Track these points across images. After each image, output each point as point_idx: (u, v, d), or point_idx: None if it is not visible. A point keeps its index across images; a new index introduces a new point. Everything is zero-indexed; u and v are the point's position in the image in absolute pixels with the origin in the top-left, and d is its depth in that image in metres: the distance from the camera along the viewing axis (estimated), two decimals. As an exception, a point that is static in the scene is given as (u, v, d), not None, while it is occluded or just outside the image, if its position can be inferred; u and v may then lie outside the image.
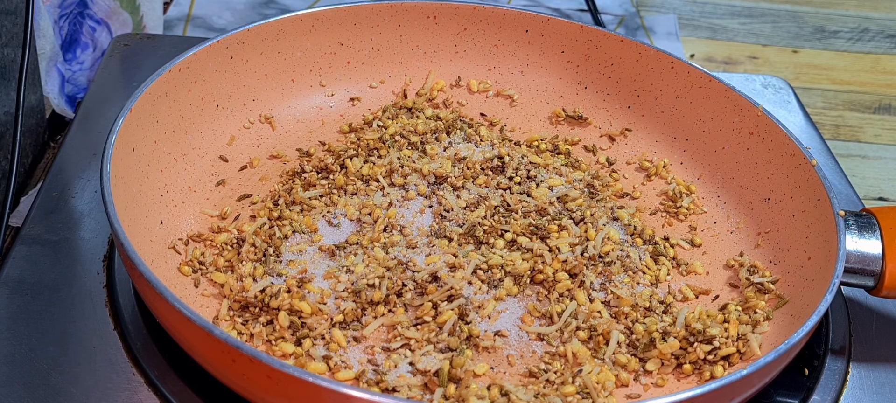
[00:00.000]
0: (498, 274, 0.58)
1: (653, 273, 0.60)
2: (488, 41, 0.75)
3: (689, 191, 0.68)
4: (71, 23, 0.82)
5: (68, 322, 0.55)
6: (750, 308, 0.57)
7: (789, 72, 1.07)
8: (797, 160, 0.62)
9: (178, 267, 0.57)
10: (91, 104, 0.74)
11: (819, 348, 0.58)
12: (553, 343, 0.55)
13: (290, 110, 0.71)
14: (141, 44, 0.81)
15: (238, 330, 0.54)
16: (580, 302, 0.57)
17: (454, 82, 0.75)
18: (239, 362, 0.46)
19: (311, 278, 0.57)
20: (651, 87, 0.72)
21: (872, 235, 0.56)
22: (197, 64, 0.65)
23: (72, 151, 0.68)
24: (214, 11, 1.05)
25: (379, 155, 0.67)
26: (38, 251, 0.59)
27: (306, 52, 0.72)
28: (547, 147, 0.70)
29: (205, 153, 0.66)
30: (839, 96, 1.04)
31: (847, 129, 0.99)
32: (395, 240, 0.60)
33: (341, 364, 0.52)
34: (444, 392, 0.50)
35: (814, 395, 0.55)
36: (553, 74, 0.75)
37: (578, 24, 0.73)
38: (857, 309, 0.62)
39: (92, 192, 0.64)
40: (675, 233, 0.65)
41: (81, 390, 0.51)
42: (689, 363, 0.54)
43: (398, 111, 0.72)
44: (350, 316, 0.55)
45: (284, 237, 0.60)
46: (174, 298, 0.47)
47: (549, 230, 0.61)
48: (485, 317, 0.56)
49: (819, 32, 1.15)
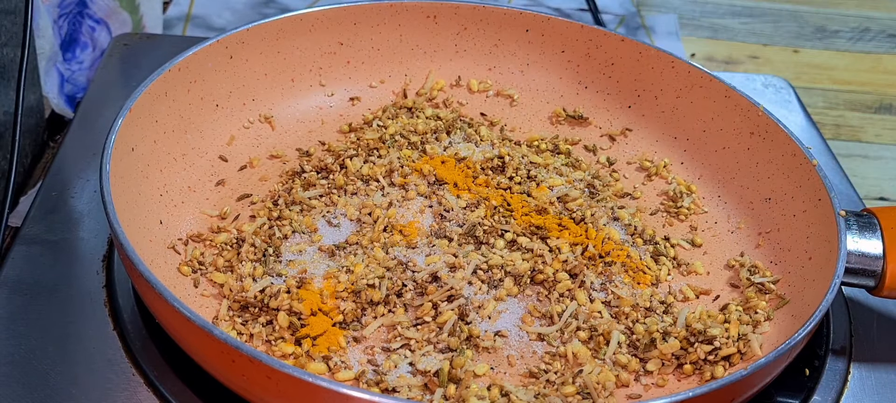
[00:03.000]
0: (498, 274, 0.58)
1: (653, 273, 0.60)
2: (488, 41, 0.75)
3: (690, 190, 0.67)
4: (70, 22, 0.82)
5: (68, 322, 0.55)
6: (751, 308, 0.57)
7: (790, 71, 1.07)
8: (798, 160, 0.62)
9: (177, 267, 0.57)
10: (90, 104, 0.74)
11: (820, 348, 0.58)
12: (553, 343, 0.55)
13: (289, 110, 0.71)
14: (140, 43, 0.81)
15: (238, 331, 0.54)
16: (580, 303, 0.57)
17: (454, 82, 0.75)
18: (238, 362, 0.46)
19: (311, 278, 0.57)
20: (652, 87, 0.72)
21: (873, 235, 0.56)
22: (196, 63, 0.65)
23: (71, 151, 0.68)
24: (214, 11, 1.05)
25: (379, 155, 0.66)
26: (37, 251, 0.59)
27: (306, 52, 0.72)
28: (547, 147, 0.70)
29: (204, 153, 0.65)
30: (840, 96, 1.03)
31: (848, 129, 0.98)
32: (395, 240, 0.60)
33: (341, 364, 0.52)
34: (444, 393, 0.50)
35: (815, 395, 0.55)
36: (553, 74, 0.75)
37: (579, 23, 0.73)
38: (857, 309, 0.62)
39: (91, 192, 0.64)
40: (676, 233, 0.65)
41: (81, 390, 0.51)
42: (689, 363, 0.54)
43: (398, 111, 0.72)
44: (350, 316, 0.55)
45: (284, 237, 0.60)
46: (174, 298, 0.47)
47: (550, 230, 0.61)
48: (485, 317, 0.56)
49: (820, 32, 1.15)
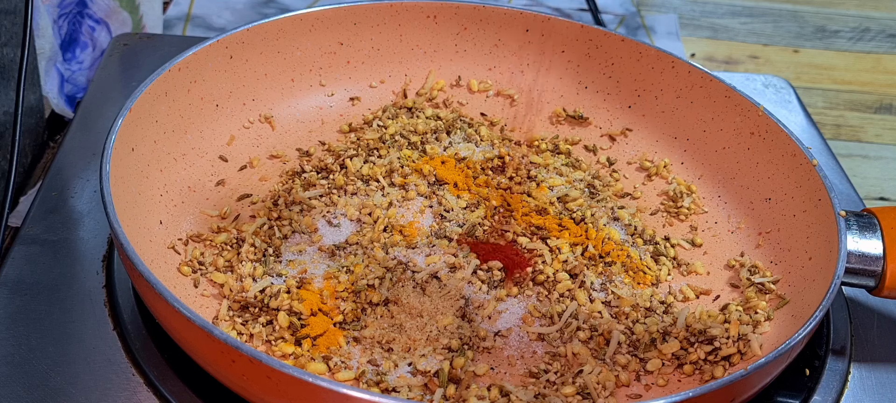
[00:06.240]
0: (498, 274, 0.58)
1: (653, 273, 0.60)
2: (488, 41, 0.75)
3: (690, 190, 0.67)
4: (70, 22, 0.81)
5: (67, 322, 0.55)
6: (751, 308, 0.57)
7: (790, 71, 1.07)
8: (798, 160, 0.62)
9: (177, 267, 0.57)
10: (90, 104, 0.74)
11: (820, 348, 0.58)
12: (553, 343, 0.55)
13: (289, 110, 0.71)
14: (140, 43, 0.81)
15: (238, 331, 0.54)
16: (581, 303, 0.57)
17: (454, 82, 0.75)
18: (238, 362, 0.46)
19: (311, 278, 0.57)
20: (652, 87, 0.72)
21: (873, 235, 0.56)
22: (196, 63, 0.65)
23: (71, 151, 0.68)
24: (214, 11, 1.05)
25: (379, 155, 0.66)
26: (37, 251, 0.59)
27: (306, 52, 0.72)
28: (547, 147, 0.70)
29: (204, 153, 0.65)
30: (840, 96, 1.03)
31: (848, 129, 0.98)
32: (395, 241, 0.60)
33: (341, 364, 0.52)
34: (444, 393, 0.50)
35: (815, 395, 0.55)
36: (553, 74, 0.75)
37: (579, 23, 0.73)
38: (858, 309, 0.62)
39: (91, 192, 0.64)
40: (676, 233, 0.65)
41: (81, 390, 0.51)
42: (689, 363, 0.54)
43: (398, 111, 0.72)
44: (350, 316, 0.55)
45: (284, 237, 0.60)
46: (174, 298, 0.47)
47: (550, 230, 0.61)
48: (485, 318, 0.56)
49: (820, 32, 1.15)
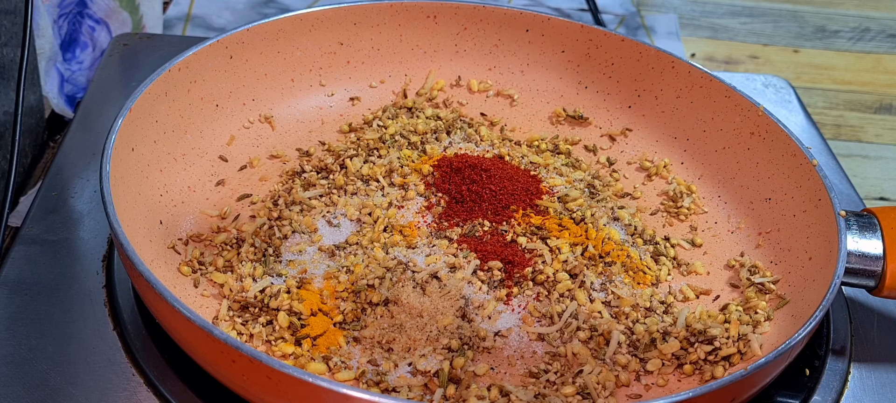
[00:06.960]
0: (498, 274, 0.58)
1: (653, 273, 0.60)
2: (488, 41, 0.75)
3: (690, 190, 0.67)
4: (70, 22, 0.82)
5: (67, 322, 0.55)
6: (751, 308, 0.57)
7: (790, 71, 1.07)
8: (798, 160, 0.62)
9: (177, 267, 0.57)
10: (90, 104, 0.74)
11: (820, 348, 0.58)
12: (553, 343, 0.55)
13: (289, 110, 0.71)
14: (140, 43, 0.81)
15: (238, 331, 0.54)
16: (581, 303, 0.57)
17: (454, 82, 0.75)
18: (238, 362, 0.46)
19: (311, 278, 0.57)
20: (652, 87, 0.72)
21: (873, 235, 0.56)
22: (196, 63, 0.65)
23: (71, 151, 0.68)
24: (214, 11, 1.05)
25: (379, 155, 0.66)
26: (37, 251, 0.59)
27: (306, 52, 0.72)
28: (547, 147, 0.70)
29: (204, 153, 0.65)
30: (840, 96, 1.03)
31: (848, 129, 0.98)
32: (395, 240, 0.60)
33: (341, 364, 0.52)
34: (444, 393, 0.50)
35: (815, 395, 0.55)
36: (553, 74, 0.75)
37: (579, 23, 0.73)
38: (858, 309, 0.62)
39: (91, 192, 0.64)
40: (676, 233, 0.65)
41: (81, 390, 0.51)
42: (689, 363, 0.54)
43: (398, 111, 0.72)
44: (350, 316, 0.55)
45: (284, 237, 0.60)
46: (174, 298, 0.47)
47: (550, 230, 0.61)
48: (485, 318, 0.56)
49: (820, 32, 1.15)
